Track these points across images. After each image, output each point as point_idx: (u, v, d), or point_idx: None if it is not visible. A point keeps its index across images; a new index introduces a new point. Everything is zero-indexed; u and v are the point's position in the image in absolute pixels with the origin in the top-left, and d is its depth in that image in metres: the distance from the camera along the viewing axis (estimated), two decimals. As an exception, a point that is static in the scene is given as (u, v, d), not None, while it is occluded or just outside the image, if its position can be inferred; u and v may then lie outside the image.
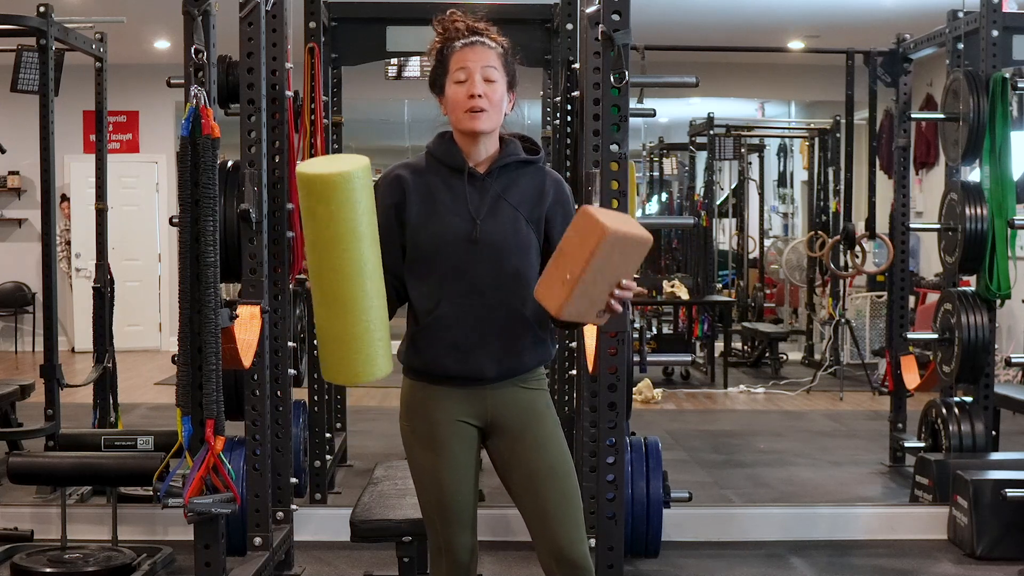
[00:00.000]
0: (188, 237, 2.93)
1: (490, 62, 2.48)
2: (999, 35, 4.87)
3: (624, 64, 3.30)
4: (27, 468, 4.12)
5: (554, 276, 2.32)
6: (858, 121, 8.05)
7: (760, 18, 8.99)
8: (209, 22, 3.22)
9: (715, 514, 4.77)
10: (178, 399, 2.97)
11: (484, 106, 2.46)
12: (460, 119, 2.49)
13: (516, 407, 2.56)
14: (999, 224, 4.89)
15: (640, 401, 7.79)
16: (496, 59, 2.50)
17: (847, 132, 7.29)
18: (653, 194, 11.81)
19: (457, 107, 2.49)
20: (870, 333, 9.40)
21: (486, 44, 2.51)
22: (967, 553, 4.40)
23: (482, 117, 2.47)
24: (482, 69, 2.47)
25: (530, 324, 2.52)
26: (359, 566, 4.17)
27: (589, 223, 2.27)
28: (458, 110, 2.49)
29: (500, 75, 2.50)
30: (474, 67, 2.47)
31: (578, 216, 2.31)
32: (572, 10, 4.58)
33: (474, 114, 2.47)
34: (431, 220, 2.51)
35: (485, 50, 2.49)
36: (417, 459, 2.57)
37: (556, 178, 2.62)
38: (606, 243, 2.25)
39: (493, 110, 2.48)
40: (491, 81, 2.48)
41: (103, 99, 5.37)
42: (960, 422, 4.97)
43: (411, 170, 2.58)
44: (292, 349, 4.06)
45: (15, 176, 10.77)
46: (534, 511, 2.55)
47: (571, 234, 2.31)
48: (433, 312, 2.50)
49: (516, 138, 2.61)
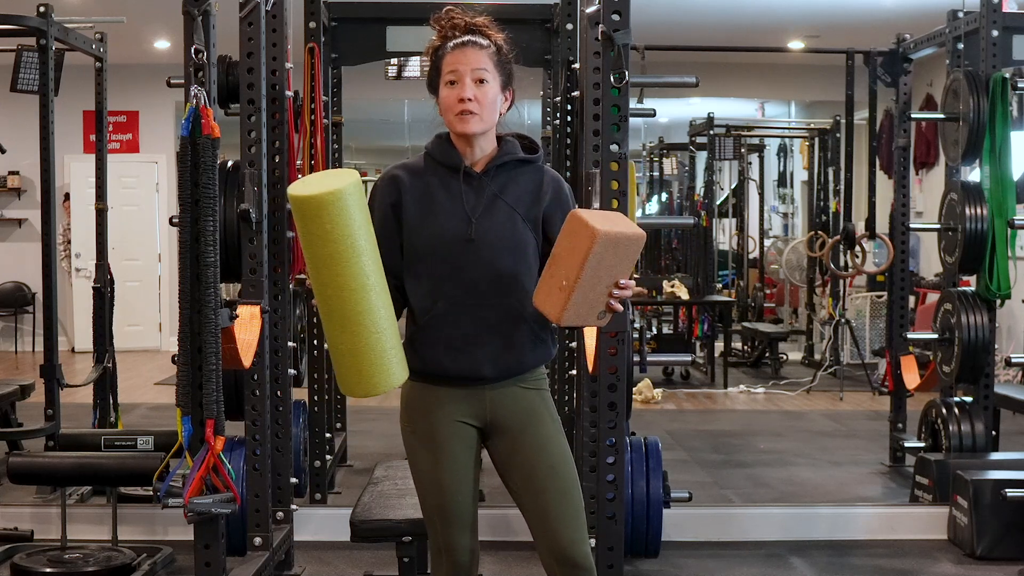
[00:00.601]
0: (188, 237, 2.93)
1: (480, 64, 2.48)
2: (999, 35, 4.87)
3: (624, 64, 3.30)
4: (27, 468, 4.12)
5: (551, 283, 2.33)
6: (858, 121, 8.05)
7: (760, 18, 8.99)
8: (209, 22, 3.22)
9: (715, 514, 4.77)
10: (178, 399, 2.97)
11: (474, 109, 2.47)
12: (451, 122, 2.51)
13: (516, 407, 2.56)
14: (999, 224, 4.89)
15: (640, 401, 7.79)
16: (487, 59, 2.50)
17: (847, 132, 7.29)
18: (653, 194, 11.81)
19: (448, 110, 2.50)
20: (870, 333, 9.41)
21: (477, 44, 2.50)
22: (967, 553, 4.40)
23: (472, 120, 2.48)
24: (472, 71, 2.47)
25: (529, 323, 2.52)
26: (359, 566, 4.17)
27: (579, 227, 2.27)
28: (449, 113, 2.50)
29: (492, 75, 2.50)
30: (464, 70, 2.47)
31: (568, 220, 2.32)
32: (572, 10, 4.58)
33: (463, 116, 2.48)
34: (427, 220, 2.51)
35: (476, 51, 2.49)
36: (417, 460, 2.58)
37: (554, 177, 2.61)
38: (598, 245, 2.25)
39: (484, 112, 2.49)
40: (482, 82, 2.48)
41: (103, 99, 5.37)
42: (960, 422, 4.97)
43: (408, 170, 2.58)
44: (292, 349, 4.06)
45: (15, 176, 10.77)
46: (535, 511, 2.55)
47: (563, 239, 2.31)
48: (430, 312, 2.50)
49: (515, 137, 2.61)
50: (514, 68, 2.58)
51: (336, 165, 5.19)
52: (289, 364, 3.99)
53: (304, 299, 4.78)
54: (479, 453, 2.61)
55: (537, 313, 2.46)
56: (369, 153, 12.71)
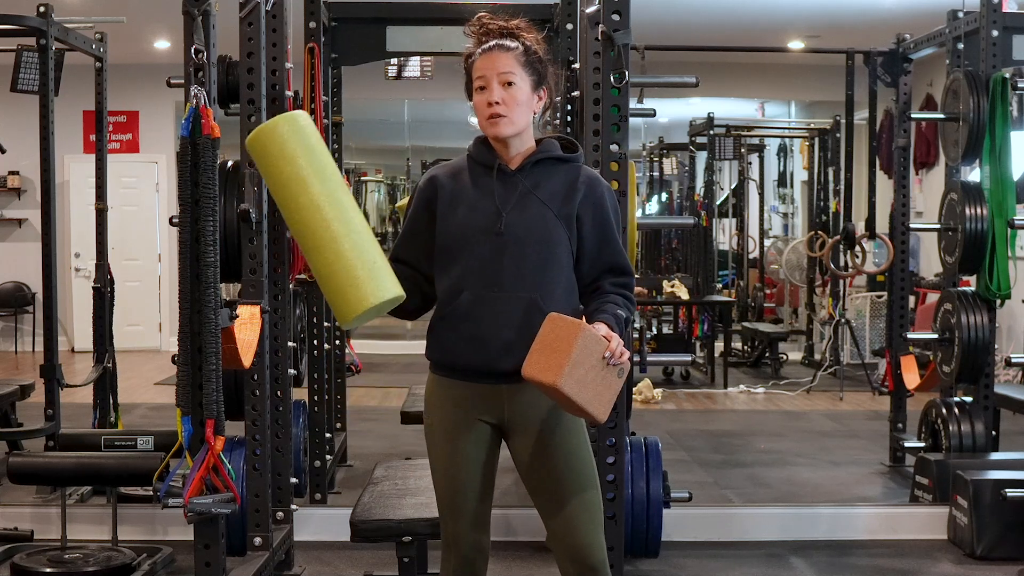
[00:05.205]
0: (188, 237, 2.93)
1: (507, 67, 2.53)
2: (999, 35, 4.87)
3: (624, 64, 3.31)
4: (27, 468, 4.12)
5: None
6: (858, 121, 8.04)
7: (760, 18, 8.99)
8: (209, 22, 3.21)
9: (715, 514, 4.77)
10: (178, 399, 2.97)
11: (502, 112, 2.52)
12: (484, 127, 2.57)
13: (535, 407, 2.56)
14: (999, 224, 4.89)
15: (640, 401, 7.79)
16: (513, 61, 2.53)
17: (847, 132, 7.28)
18: (653, 194, 11.80)
19: (480, 115, 2.56)
20: (870, 333, 9.40)
21: (504, 47, 2.54)
22: (967, 553, 4.40)
23: (502, 123, 2.53)
24: (499, 75, 2.52)
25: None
26: (359, 566, 4.17)
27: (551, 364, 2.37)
28: (481, 118, 2.56)
29: (520, 76, 2.54)
30: (491, 75, 2.52)
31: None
32: (572, 10, 4.58)
33: (493, 120, 2.53)
34: (457, 213, 2.56)
35: (502, 55, 2.53)
36: (433, 453, 2.63)
37: (591, 175, 2.63)
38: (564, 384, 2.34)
39: (514, 113, 2.53)
40: (510, 84, 2.52)
41: (103, 99, 5.37)
42: (960, 422, 4.97)
43: (446, 170, 2.65)
44: (292, 349, 4.06)
45: (15, 176, 10.77)
46: (552, 513, 2.57)
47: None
48: (453, 303, 2.54)
49: (555, 138, 2.65)
50: (546, 66, 2.61)
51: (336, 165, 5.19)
52: (289, 364, 3.99)
53: (304, 299, 4.77)
54: (495, 451, 2.63)
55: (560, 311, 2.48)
56: (369, 153, 12.70)
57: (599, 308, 2.54)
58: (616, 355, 2.38)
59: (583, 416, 2.42)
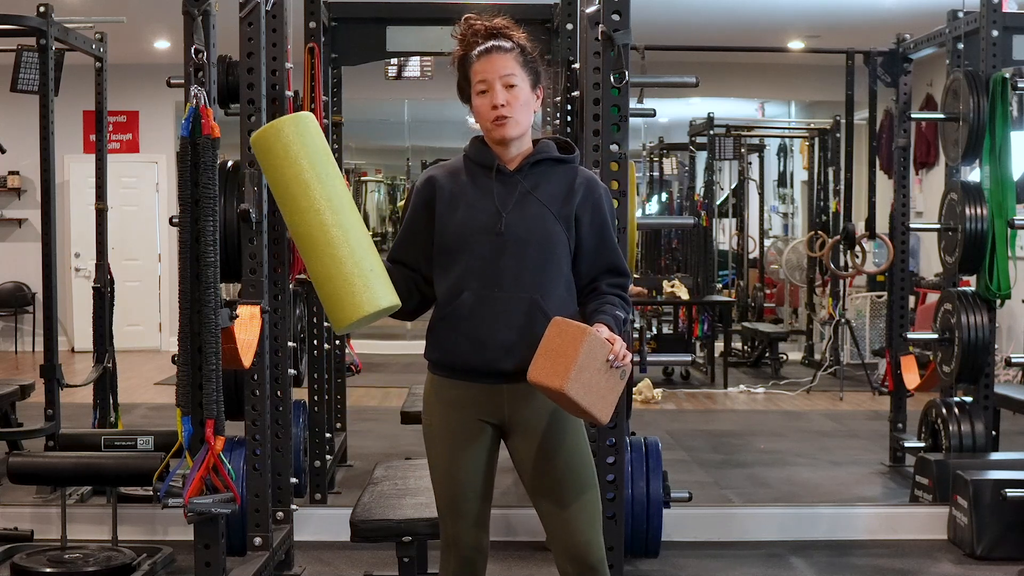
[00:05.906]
0: (188, 237, 2.93)
1: (508, 68, 2.52)
2: (999, 35, 4.87)
3: (624, 64, 3.31)
4: (27, 468, 4.12)
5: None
6: (858, 121, 8.04)
7: (760, 18, 8.99)
8: (209, 22, 3.22)
9: (715, 514, 4.77)
10: (178, 399, 2.97)
11: (508, 113, 2.52)
12: (488, 130, 2.56)
13: (534, 407, 2.56)
14: (999, 224, 4.89)
15: (640, 401, 7.79)
16: (513, 62, 2.53)
17: (847, 132, 7.28)
18: (653, 194, 11.80)
19: (483, 119, 2.55)
20: (870, 333, 9.40)
21: (502, 48, 2.54)
22: (967, 553, 4.40)
23: (508, 124, 2.53)
24: (501, 77, 2.52)
25: (551, 320, 2.52)
26: (359, 566, 4.17)
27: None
28: (485, 121, 2.55)
29: (520, 77, 2.54)
30: (492, 77, 2.52)
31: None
32: (572, 10, 4.58)
33: (499, 123, 2.52)
34: (457, 213, 2.56)
35: (502, 56, 2.53)
36: (433, 453, 2.62)
37: (589, 177, 2.64)
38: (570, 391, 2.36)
39: (519, 114, 2.53)
40: (512, 86, 2.52)
41: (103, 99, 5.37)
42: (960, 422, 4.97)
43: (444, 170, 2.64)
44: (292, 349, 4.06)
45: (15, 176, 10.76)
46: (551, 512, 2.58)
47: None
48: (453, 303, 2.54)
49: (551, 139, 2.65)
50: (539, 66, 2.62)
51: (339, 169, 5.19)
52: (289, 364, 3.99)
53: (304, 299, 4.77)
54: (495, 451, 2.63)
55: (561, 311, 2.48)
56: (369, 153, 12.70)
57: (598, 309, 2.54)
58: (619, 358, 2.38)
59: (586, 418, 2.42)
